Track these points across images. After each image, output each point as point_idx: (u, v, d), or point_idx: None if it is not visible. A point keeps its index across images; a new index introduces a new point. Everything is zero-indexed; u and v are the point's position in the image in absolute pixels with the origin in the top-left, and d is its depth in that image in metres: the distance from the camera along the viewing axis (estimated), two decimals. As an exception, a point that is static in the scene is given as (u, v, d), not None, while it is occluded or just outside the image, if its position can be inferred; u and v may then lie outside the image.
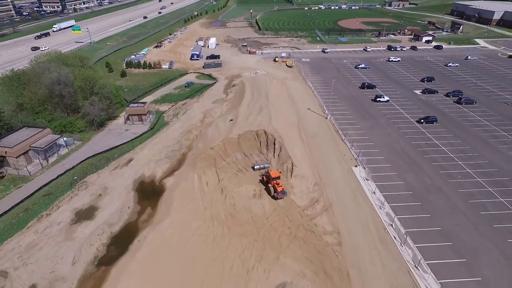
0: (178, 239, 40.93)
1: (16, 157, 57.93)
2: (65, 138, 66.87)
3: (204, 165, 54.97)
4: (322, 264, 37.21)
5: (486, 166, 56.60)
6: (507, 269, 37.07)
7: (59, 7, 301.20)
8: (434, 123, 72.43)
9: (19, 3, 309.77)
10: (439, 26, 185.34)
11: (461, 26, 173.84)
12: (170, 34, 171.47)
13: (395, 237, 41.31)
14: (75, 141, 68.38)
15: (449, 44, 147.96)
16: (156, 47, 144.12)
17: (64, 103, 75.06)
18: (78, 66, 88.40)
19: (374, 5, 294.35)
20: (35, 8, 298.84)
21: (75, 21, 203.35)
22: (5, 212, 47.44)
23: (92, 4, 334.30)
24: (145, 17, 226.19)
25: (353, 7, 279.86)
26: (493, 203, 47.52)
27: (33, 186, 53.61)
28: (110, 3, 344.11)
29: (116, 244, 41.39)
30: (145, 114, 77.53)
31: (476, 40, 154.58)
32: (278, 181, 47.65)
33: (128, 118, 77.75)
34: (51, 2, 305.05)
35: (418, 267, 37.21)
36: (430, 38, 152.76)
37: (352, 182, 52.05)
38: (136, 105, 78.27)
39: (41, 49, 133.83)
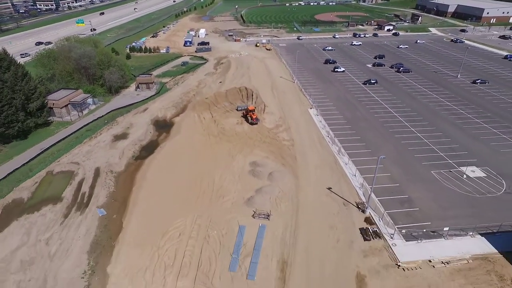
0: (186, 145, 62.28)
1: (61, 108, 78.06)
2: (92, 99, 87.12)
3: (201, 109, 76.44)
4: (280, 152, 59.14)
5: (403, 107, 79.46)
6: (395, 153, 59.45)
7: (53, 5, 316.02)
8: (375, 84, 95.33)
9: (13, 1, 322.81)
10: (402, 18, 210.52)
11: (420, 18, 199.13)
12: (164, 27, 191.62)
13: (329, 142, 63.50)
14: (99, 101, 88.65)
15: (406, 31, 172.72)
16: (152, 36, 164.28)
17: (87, 74, 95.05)
18: (93, 48, 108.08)
19: (350, 1, 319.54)
20: (30, 6, 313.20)
21: (72, 18, 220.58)
22: (63, 139, 67.66)
23: (84, 3, 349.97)
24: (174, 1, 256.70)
25: (330, 3, 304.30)
26: (400, 125, 70.13)
27: (77, 127, 73.67)
28: (101, 1, 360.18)
29: (145, 149, 62.33)
30: (152, 83, 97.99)
31: (430, 28, 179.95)
32: (254, 113, 69.44)
33: (138, 86, 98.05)
34: (45, 1, 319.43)
35: (339, 153, 59.50)
36: (391, 27, 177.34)
37: (306, 116, 74.30)
38: (144, 75, 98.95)
39: (44, 43, 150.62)
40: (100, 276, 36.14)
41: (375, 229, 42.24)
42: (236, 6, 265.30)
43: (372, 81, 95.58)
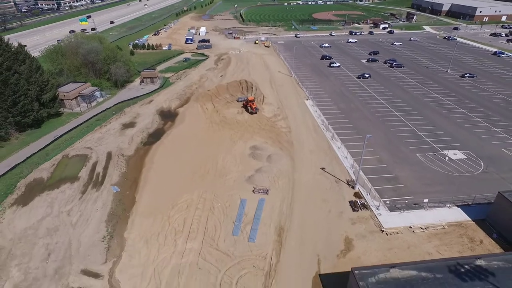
0: (190, 132, 67.01)
1: (71, 100, 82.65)
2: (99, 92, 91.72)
3: (204, 100, 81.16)
4: (278, 138, 63.89)
5: (394, 99, 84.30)
6: (384, 138, 64.15)
7: (54, 4, 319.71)
8: (368, 78, 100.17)
9: (16, 1, 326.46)
10: (397, 17, 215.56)
11: (415, 16, 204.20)
12: (165, 25, 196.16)
13: (323, 129, 68.28)
14: (106, 94, 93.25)
15: (401, 30, 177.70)
16: (154, 34, 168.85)
17: (94, 69, 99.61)
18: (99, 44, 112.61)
19: (347, 0, 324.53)
20: (31, 6, 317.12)
21: (76, 16, 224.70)
22: (75, 128, 72.24)
23: (85, 2, 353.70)
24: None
25: (328, 2, 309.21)
26: (390, 115, 74.89)
27: (86, 117, 78.21)
28: (102, 0, 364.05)
29: (152, 136, 66.95)
30: (156, 77, 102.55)
31: (424, 27, 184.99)
32: (253, 103, 74.18)
33: (142, 81, 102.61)
34: (46, 0, 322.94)
35: (333, 138, 64.30)
36: (386, 25, 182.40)
37: (302, 106, 79.08)
38: (148, 70, 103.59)
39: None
40: (118, 240, 40.82)
41: (363, 202, 47.02)
42: (236, 6, 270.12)
43: (366, 75, 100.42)
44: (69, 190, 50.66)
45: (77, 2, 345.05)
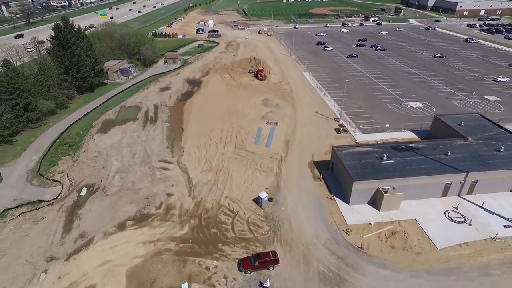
0: (215, 91, 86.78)
1: (114, 72, 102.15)
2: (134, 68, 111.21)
3: (221, 72, 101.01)
4: (282, 95, 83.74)
5: (376, 72, 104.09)
6: (364, 95, 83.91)
7: (65, 2, 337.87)
8: (356, 57, 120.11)
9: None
10: (387, 12, 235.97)
11: (402, 11, 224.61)
12: (176, 19, 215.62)
13: (317, 89, 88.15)
14: (138, 71, 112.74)
15: (389, 22, 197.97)
16: (168, 26, 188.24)
17: (127, 50, 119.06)
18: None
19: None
20: (44, 3, 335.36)
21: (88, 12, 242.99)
22: (121, 91, 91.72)
23: (94, 0, 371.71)
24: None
25: None
26: (371, 82, 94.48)
27: (127, 85, 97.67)
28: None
29: (185, 95, 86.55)
30: (177, 58, 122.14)
31: (410, 20, 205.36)
32: (262, 71, 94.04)
33: (166, 61, 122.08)
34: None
35: (324, 95, 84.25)
36: (376, 18, 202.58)
37: (301, 76, 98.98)
38: (171, 52, 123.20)
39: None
40: (177, 148, 60.52)
41: (344, 129, 66.89)
42: (238, 2, 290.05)
43: (354, 55, 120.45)
44: (133, 124, 70.30)
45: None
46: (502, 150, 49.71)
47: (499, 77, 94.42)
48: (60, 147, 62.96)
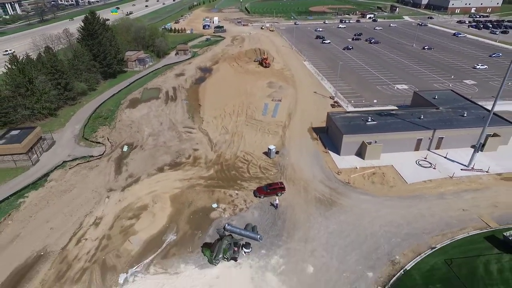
0: (225, 76, 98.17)
1: (132, 61, 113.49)
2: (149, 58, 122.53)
3: (229, 60, 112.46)
4: (285, 79, 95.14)
5: (369, 61, 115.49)
6: (357, 80, 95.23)
7: (73, 1, 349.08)
8: (351, 49, 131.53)
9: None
10: (383, 10, 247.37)
11: (397, 8, 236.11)
12: (182, 16, 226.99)
13: (316, 75, 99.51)
14: (153, 61, 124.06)
15: (384, 19, 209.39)
16: (175, 23, 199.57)
17: (142, 43, 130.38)
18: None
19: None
20: (53, 2, 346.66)
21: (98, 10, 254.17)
22: (141, 77, 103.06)
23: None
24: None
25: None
26: (364, 69, 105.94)
27: (145, 73, 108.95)
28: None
29: (198, 80, 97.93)
30: (188, 50, 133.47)
31: (404, 17, 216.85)
32: (267, 59, 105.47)
33: (177, 52, 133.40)
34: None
35: (322, 79, 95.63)
36: (372, 15, 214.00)
37: (301, 65, 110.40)
38: (182, 44, 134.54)
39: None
40: (197, 118, 71.89)
41: (338, 104, 78.26)
42: (241, 0, 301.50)
43: (350, 47, 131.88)
44: (156, 102, 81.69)
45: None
46: (465, 115, 61.14)
47: (479, 65, 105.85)
48: (96, 119, 74.27)
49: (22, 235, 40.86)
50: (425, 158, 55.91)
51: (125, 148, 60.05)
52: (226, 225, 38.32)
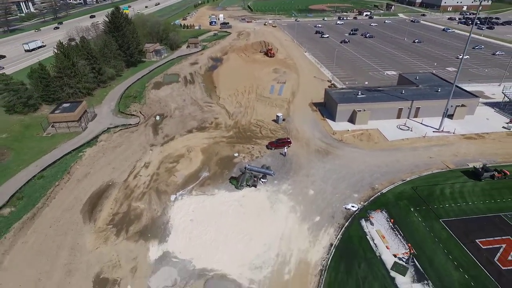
0: (235, 64, 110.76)
1: (150, 52, 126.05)
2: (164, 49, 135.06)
3: (238, 51, 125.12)
4: (288, 66, 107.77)
5: (363, 53, 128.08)
6: (351, 67, 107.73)
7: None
8: (348, 42, 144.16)
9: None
10: (379, 8, 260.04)
11: (393, 6, 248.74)
12: (189, 13, 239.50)
13: (315, 63, 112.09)
14: (167, 52, 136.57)
15: (380, 16, 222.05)
16: (183, 19, 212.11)
17: (156, 36, 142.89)
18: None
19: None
20: (61, 1, 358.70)
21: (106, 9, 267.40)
22: (159, 66, 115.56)
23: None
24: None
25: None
26: (359, 59, 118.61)
27: (162, 62, 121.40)
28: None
29: (211, 68, 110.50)
30: (198, 43, 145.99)
31: (399, 14, 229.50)
32: (271, 50, 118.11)
33: (188, 46, 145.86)
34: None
35: (321, 67, 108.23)
36: (369, 13, 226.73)
37: (302, 55, 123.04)
38: (193, 38, 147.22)
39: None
40: (214, 96, 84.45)
41: (335, 86, 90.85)
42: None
43: (346, 41, 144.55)
44: (177, 85, 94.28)
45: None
46: (439, 91, 73.80)
47: (461, 55, 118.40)
48: (127, 98, 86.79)
49: (92, 172, 53.46)
50: (404, 123, 68.50)
51: (158, 118, 72.60)
52: (247, 165, 50.95)
